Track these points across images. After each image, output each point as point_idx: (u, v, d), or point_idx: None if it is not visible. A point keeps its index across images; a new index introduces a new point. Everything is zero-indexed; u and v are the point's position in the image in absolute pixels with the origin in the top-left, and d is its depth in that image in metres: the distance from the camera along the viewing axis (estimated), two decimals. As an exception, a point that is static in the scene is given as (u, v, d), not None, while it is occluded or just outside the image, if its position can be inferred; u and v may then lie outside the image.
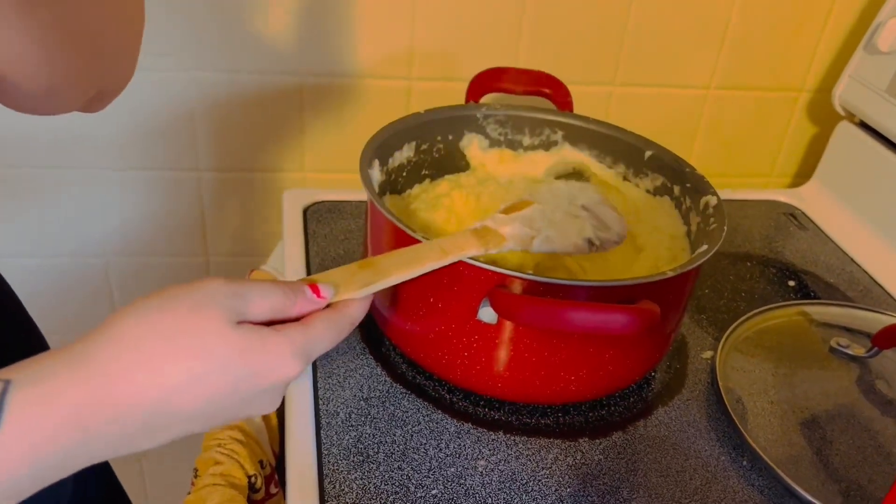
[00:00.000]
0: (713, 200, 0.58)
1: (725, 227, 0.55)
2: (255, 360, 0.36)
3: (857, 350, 0.61)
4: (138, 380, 0.33)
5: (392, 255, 0.48)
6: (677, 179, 0.63)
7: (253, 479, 0.57)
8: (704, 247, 0.53)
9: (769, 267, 0.75)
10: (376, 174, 0.60)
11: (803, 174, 0.97)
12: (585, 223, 0.56)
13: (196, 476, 0.56)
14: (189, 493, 0.55)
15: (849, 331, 0.65)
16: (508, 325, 0.50)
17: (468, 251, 0.49)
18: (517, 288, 0.48)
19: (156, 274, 0.91)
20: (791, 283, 0.73)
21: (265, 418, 0.62)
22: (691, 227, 0.61)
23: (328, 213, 0.75)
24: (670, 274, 0.49)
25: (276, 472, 0.62)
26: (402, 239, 0.52)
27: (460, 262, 0.48)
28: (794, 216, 0.84)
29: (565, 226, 0.55)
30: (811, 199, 0.86)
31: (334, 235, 0.72)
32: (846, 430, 0.57)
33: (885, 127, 0.77)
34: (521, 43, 0.82)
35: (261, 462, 0.58)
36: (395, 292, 0.56)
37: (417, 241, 0.50)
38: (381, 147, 0.61)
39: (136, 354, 0.33)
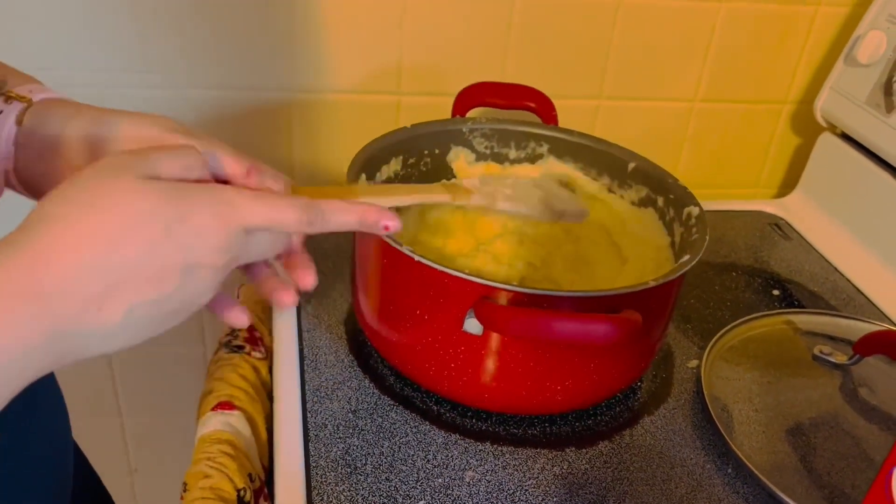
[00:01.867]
0: (695, 211, 0.59)
1: (707, 237, 0.56)
2: (179, 203, 0.34)
3: (840, 357, 0.62)
4: (69, 241, 0.32)
5: (369, 187, 0.53)
6: (661, 190, 0.64)
7: (242, 493, 0.57)
8: (687, 257, 0.53)
9: (754, 276, 0.76)
10: (363, 188, 0.61)
11: (788, 185, 0.98)
12: (545, 194, 0.58)
13: (185, 490, 0.56)
14: (178, 507, 0.55)
15: (832, 339, 0.66)
16: (494, 336, 0.51)
17: (435, 197, 0.51)
18: (502, 299, 0.48)
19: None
20: (776, 292, 0.74)
21: (255, 433, 0.62)
22: (675, 238, 0.62)
23: (317, 227, 0.75)
24: (653, 284, 0.49)
25: (266, 485, 0.62)
26: (388, 251, 0.53)
27: (445, 275, 0.49)
28: (778, 226, 0.85)
29: (527, 192, 0.57)
30: (795, 210, 0.87)
31: (323, 250, 0.72)
32: (830, 437, 0.57)
33: (866, 137, 0.78)
34: (507, 58, 0.83)
35: (250, 475, 0.59)
36: (380, 305, 0.56)
37: (406, 257, 0.50)
38: (368, 161, 0.62)
39: (62, 224, 0.32)
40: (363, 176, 0.60)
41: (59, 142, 0.42)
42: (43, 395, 0.54)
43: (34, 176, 0.44)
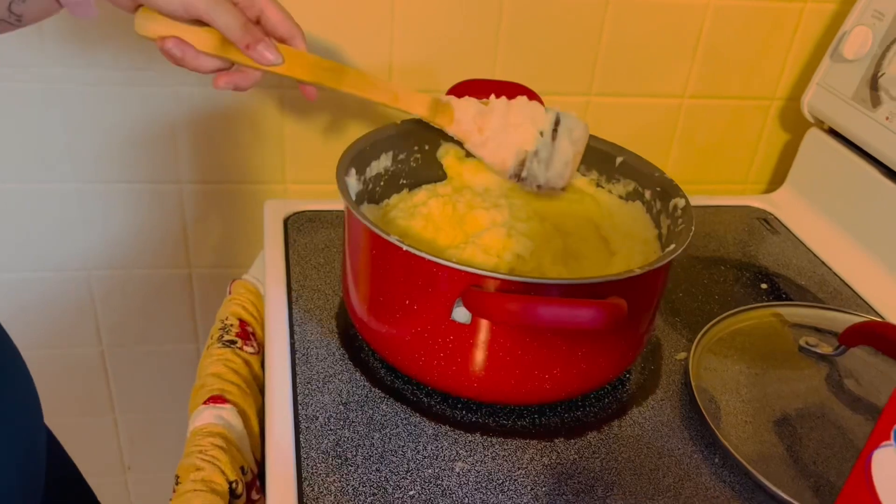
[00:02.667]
0: (681, 202, 0.60)
1: (693, 228, 0.56)
2: None
3: (826, 349, 0.63)
4: None
5: (358, 73, 0.55)
6: (648, 184, 0.65)
7: (234, 485, 0.57)
8: (672, 246, 0.54)
9: (742, 270, 0.77)
10: (353, 183, 0.61)
11: (777, 180, 0.99)
12: (533, 139, 0.57)
13: (177, 483, 0.56)
14: (171, 501, 0.55)
15: (819, 331, 0.67)
16: (482, 325, 0.51)
17: (415, 110, 0.52)
18: (490, 287, 0.49)
19: (138, 287, 0.91)
20: (763, 285, 0.75)
21: (247, 426, 0.63)
22: (662, 231, 0.62)
23: (308, 223, 0.76)
24: (638, 272, 0.50)
25: (258, 478, 0.62)
26: (379, 245, 0.53)
27: (433, 264, 0.50)
28: (766, 221, 0.86)
29: (510, 135, 0.57)
30: (783, 205, 0.88)
31: (314, 245, 0.73)
32: (816, 427, 0.58)
33: (852, 133, 0.79)
34: (497, 54, 0.84)
35: (242, 468, 0.59)
36: (369, 296, 0.57)
37: (395, 247, 0.51)
38: (358, 156, 0.62)
39: None
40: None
41: None
42: (10, 382, 0.54)
43: None
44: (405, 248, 0.50)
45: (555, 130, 0.60)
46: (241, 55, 0.54)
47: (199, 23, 0.53)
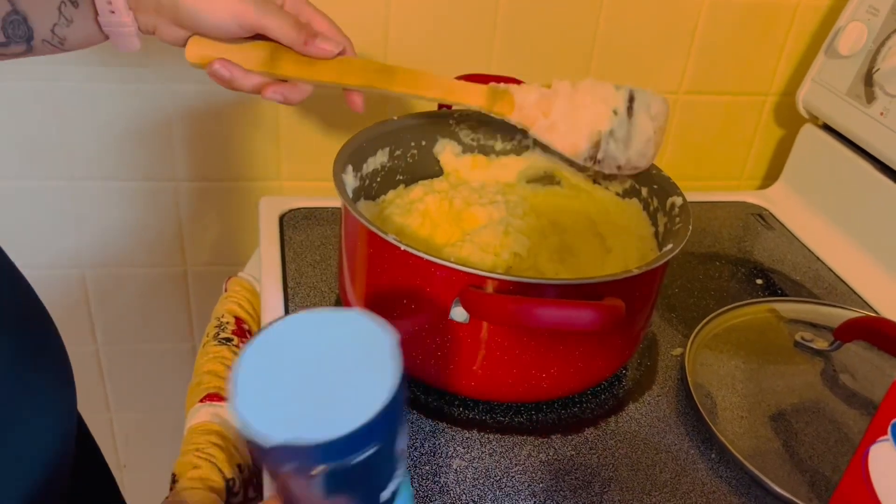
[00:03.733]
0: (679, 201, 0.60)
1: (691, 227, 0.56)
2: None
3: (821, 344, 0.63)
4: None
5: (407, 71, 0.53)
6: (645, 181, 0.65)
7: (231, 483, 0.57)
8: (670, 246, 0.54)
9: (738, 266, 0.77)
10: (350, 180, 0.61)
11: (772, 176, 0.99)
12: (607, 118, 0.52)
13: (174, 481, 0.56)
14: (167, 498, 0.55)
15: (814, 326, 0.67)
16: (480, 325, 0.51)
17: (472, 102, 0.50)
18: (488, 288, 0.49)
19: (133, 285, 0.91)
20: (759, 281, 0.75)
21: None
22: (658, 228, 0.63)
23: (304, 220, 0.76)
24: (636, 272, 0.50)
25: (256, 476, 0.62)
26: (377, 244, 0.53)
27: (431, 264, 0.50)
28: (761, 217, 0.86)
29: (581, 116, 0.52)
30: (778, 200, 0.88)
31: (310, 242, 0.73)
32: (811, 422, 0.58)
33: (846, 128, 0.79)
34: (493, 50, 0.84)
35: (239, 466, 0.59)
36: (366, 295, 0.57)
37: (392, 246, 0.51)
38: (354, 153, 0.62)
39: None
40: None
41: None
42: (49, 355, 0.54)
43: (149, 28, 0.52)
44: (403, 247, 0.50)
45: (630, 108, 0.55)
46: (289, 68, 0.53)
47: (246, 41, 0.53)
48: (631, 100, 0.56)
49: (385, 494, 0.25)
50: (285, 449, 0.21)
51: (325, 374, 0.22)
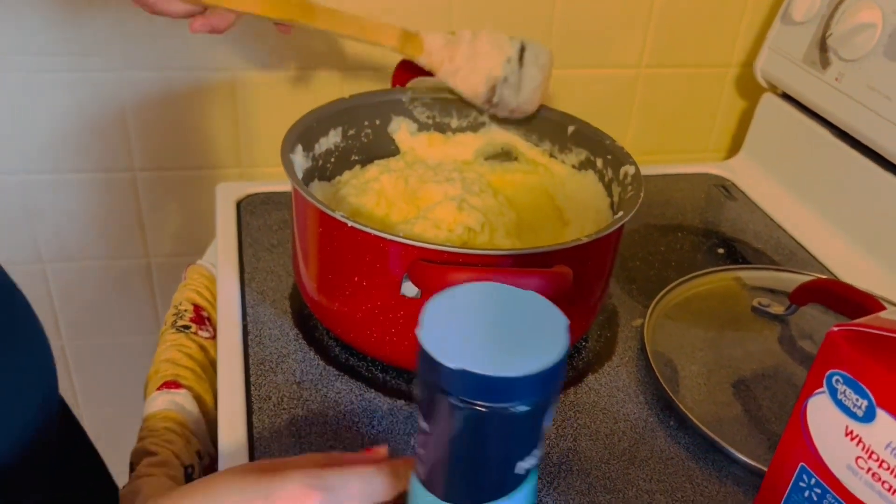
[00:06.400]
0: (631, 170, 0.59)
1: (642, 194, 0.56)
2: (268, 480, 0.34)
3: (778, 309, 0.63)
4: None
5: (325, 8, 0.57)
6: (599, 152, 0.64)
7: (190, 470, 0.56)
8: (621, 213, 0.54)
9: (700, 237, 0.77)
10: (300, 160, 0.61)
11: (737, 147, 0.99)
12: (501, 65, 0.60)
13: (132, 469, 0.56)
14: (125, 486, 0.55)
15: (773, 293, 0.67)
16: (431, 299, 0.51)
17: (384, 41, 0.54)
18: (437, 261, 0.48)
19: (95, 278, 0.90)
20: (720, 250, 0.75)
21: (204, 411, 0.62)
22: (614, 199, 0.62)
23: (262, 205, 0.75)
24: (585, 240, 0.50)
25: (216, 462, 0.62)
26: (326, 222, 0.53)
27: (379, 239, 0.49)
28: (724, 188, 0.86)
29: (479, 62, 0.59)
30: (740, 170, 0.88)
31: (268, 226, 0.72)
32: (770, 387, 0.58)
33: (804, 96, 0.79)
34: (451, 28, 0.83)
35: (198, 453, 0.58)
36: (319, 275, 0.56)
37: (340, 223, 0.50)
38: (304, 133, 0.61)
39: None
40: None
41: None
42: (23, 334, 0.53)
43: None
44: (350, 223, 0.50)
45: (521, 58, 0.62)
46: None
47: None
48: (522, 50, 0.63)
49: (521, 466, 0.26)
50: (462, 375, 0.23)
51: (501, 330, 0.25)
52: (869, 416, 0.32)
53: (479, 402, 0.24)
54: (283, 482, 0.34)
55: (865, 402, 0.32)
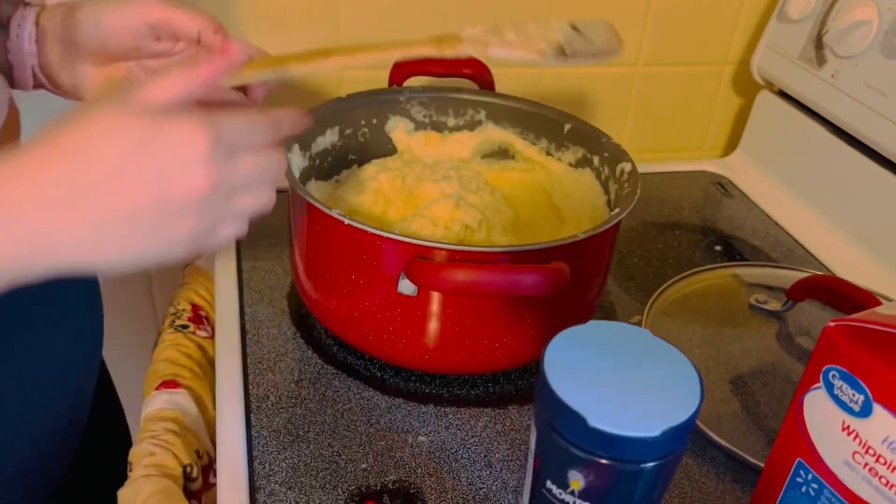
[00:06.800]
0: (628, 167, 0.59)
1: (639, 191, 0.56)
2: (155, 122, 0.34)
3: (775, 305, 0.63)
4: (45, 155, 0.33)
5: (344, 48, 0.50)
6: (596, 150, 0.64)
7: (188, 469, 0.56)
8: (617, 210, 0.54)
9: (697, 234, 0.77)
10: (297, 159, 0.61)
11: (734, 145, 0.99)
12: (557, 32, 0.52)
13: (130, 469, 0.56)
14: (125, 486, 0.55)
15: (771, 289, 0.67)
16: (430, 297, 0.51)
17: (421, 50, 0.46)
18: (434, 259, 0.49)
19: (94, 278, 0.90)
20: (718, 248, 0.75)
21: (202, 410, 0.62)
22: (611, 196, 0.62)
23: (259, 204, 0.75)
24: (582, 236, 0.50)
25: (215, 462, 0.62)
26: (322, 220, 0.53)
27: (376, 237, 0.49)
28: (721, 185, 0.86)
29: (530, 31, 0.52)
30: (737, 168, 0.88)
31: (266, 225, 0.71)
32: (768, 383, 0.58)
33: (800, 93, 0.79)
34: (446, 27, 0.83)
35: (197, 452, 0.58)
36: (317, 273, 0.56)
37: (337, 221, 0.50)
38: (301, 132, 0.61)
39: (45, 141, 0.34)
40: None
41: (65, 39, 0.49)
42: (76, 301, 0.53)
43: (51, 66, 0.51)
44: (347, 222, 0.50)
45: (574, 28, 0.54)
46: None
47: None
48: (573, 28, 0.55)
49: None
50: (597, 435, 0.23)
51: (627, 376, 0.25)
52: (865, 412, 0.32)
53: (618, 461, 0.24)
54: (174, 120, 0.34)
55: (862, 398, 0.32)
